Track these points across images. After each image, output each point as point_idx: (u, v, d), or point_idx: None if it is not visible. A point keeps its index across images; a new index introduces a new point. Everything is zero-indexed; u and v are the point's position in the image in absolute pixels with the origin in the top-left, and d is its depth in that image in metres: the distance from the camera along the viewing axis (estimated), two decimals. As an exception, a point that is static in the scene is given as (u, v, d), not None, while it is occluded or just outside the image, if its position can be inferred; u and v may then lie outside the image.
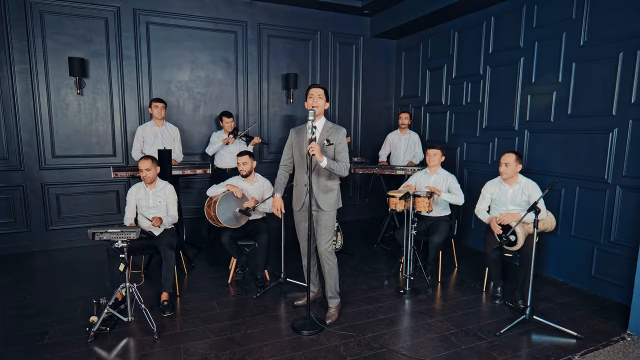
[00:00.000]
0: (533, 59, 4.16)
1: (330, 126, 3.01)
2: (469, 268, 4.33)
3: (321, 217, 3.03)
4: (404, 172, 4.84)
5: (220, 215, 3.60)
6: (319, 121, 2.99)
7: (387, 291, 3.71)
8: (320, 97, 2.93)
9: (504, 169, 3.47)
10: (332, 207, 3.04)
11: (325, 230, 3.05)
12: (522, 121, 4.33)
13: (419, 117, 5.92)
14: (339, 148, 2.98)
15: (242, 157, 3.81)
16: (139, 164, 3.47)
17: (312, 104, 2.91)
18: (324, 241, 3.06)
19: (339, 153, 2.98)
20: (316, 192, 3.00)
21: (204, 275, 4.06)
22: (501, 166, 3.50)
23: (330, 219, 3.05)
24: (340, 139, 2.98)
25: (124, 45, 4.89)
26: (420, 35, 5.85)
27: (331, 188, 3.03)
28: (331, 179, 3.03)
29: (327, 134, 2.98)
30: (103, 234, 2.77)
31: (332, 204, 3.04)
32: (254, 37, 5.52)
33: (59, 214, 4.85)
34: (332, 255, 3.11)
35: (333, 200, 3.05)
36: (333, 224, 3.09)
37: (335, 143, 2.96)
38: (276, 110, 5.82)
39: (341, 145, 2.99)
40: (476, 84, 4.90)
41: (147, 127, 4.61)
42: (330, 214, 3.04)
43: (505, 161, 3.47)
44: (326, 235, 3.05)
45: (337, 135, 2.97)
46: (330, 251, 3.09)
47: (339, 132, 2.99)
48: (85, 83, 4.78)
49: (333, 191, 3.05)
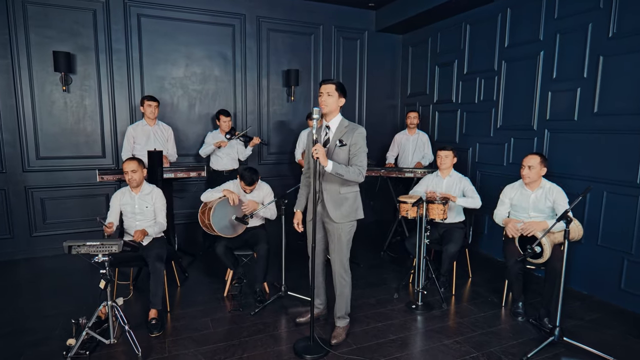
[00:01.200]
0: (554, 53, 3.84)
1: (345, 125, 2.67)
2: (484, 278, 4.02)
3: (334, 230, 2.70)
4: (412, 175, 4.53)
5: (215, 223, 3.29)
6: (332, 120, 2.67)
7: (398, 306, 3.40)
8: (330, 95, 2.60)
9: (527, 172, 3.16)
10: (346, 218, 2.68)
11: (339, 246, 2.71)
12: (541, 120, 4.02)
13: (427, 116, 5.61)
14: (353, 150, 2.62)
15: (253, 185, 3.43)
16: (124, 166, 3.16)
17: (320, 103, 2.61)
18: (337, 258, 2.72)
19: (354, 155, 2.62)
20: (327, 201, 2.66)
21: (198, 288, 3.75)
22: (523, 169, 3.19)
23: (345, 232, 2.70)
24: (355, 139, 2.61)
25: (113, 38, 4.58)
26: (429, 29, 5.53)
27: (345, 196, 2.67)
28: (346, 185, 2.66)
29: (340, 134, 2.64)
30: (81, 248, 2.46)
31: (345, 214, 2.68)
32: (252, 31, 5.20)
33: (44, 220, 4.54)
34: (347, 274, 2.78)
35: (347, 210, 2.68)
36: (349, 238, 2.73)
37: (350, 144, 2.60)
38: (276, 108, 5.50)
39: (356, 146, 2.62)
40: (490, 80, 4.58)
41: (138, 126, 4.31)
42: (343, 226, 2.68)
43: (529, 163, 3.15)
44: (340, 252, 2.71)
45: (351, 135, 2.61)
46: (346, 269, 2.77)
47: (354, 131, 2.62)
48: (72, 79, 4.46)
49: (347, 200, 2.68)
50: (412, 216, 3.41)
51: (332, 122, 2.67)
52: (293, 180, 5.57)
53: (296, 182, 5.54)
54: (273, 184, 4.01)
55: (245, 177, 3.37)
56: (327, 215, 2.68)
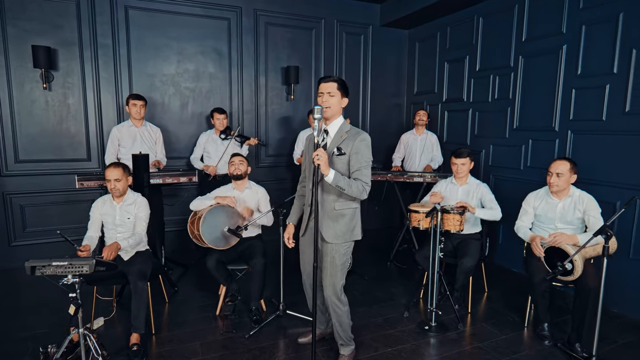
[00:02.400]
0: (579, 47, 3.50)
1: (346, 130, 2.28)
2: (501, 293, 3.68)
3: (326, 250, 2.33)
4: (422, 179, 4.20)
5: (205, 234, 2.95)
6: (332, 123, 2.30)
7: (408, 326, 3.06)
8: (332, 95, 2.23)
9: (555, 180, 2.82)
10: (340, 238, 2.30)
11: (333, 269, 2.33)
12: (564, 120, 3.68)
13: (435, 115, 5.27)
14: (355, 161, 2.21)
15: (236, 156, 3.30)
16: (106, 173, 2.82)
17: (320, 104, 2.24)
18: (330, 283, 2.35)
19: (357, 169, 2.22)
20: (321, 216, 2.29)
21: (188, 304, 3.41)
22: (551, 176, 2.85)
23: (340, 254, 2.32)
24: (357, 148, 2.21)
25: (99, 32, 4.24)
26: (437, 23, 5.19)
27: (341, 213, 2.30)
28: (342, 199, 2.29)
29: (339, 141, 2.26)
30: (46, 268, 2.12)
31: (339, 234, 2.30)
32: (249, 24, 4.87)
33: (24, 228, 4.21)
34: (342, 302, 2.41)
35: (342, 229, 2.30)
36: (344, 261, 2.36)
37: (350, 153, 2.22)
38: (275, 108, 5.17)
39: (357, 157, 2.22)
40: (505, 77, 4.24)
41: (123, 127, 3.98)
42: (338, 247, 2.31)
43: (557, 170, 2.81)
44: (333, 276, 2.34)
45: (351, 143, 2.22)
46: (340, 296, 2.39)
47: (355, 138, 2.23)
48: (54, 76, 4.13)
49: (344, 217, 2.30)
50: (425, 227, 3.08)
51: (331, 125, 2.30)
52: (292, 183, 5.23)
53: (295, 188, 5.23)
54: (271, 187, 3.69)
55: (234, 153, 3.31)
56: (319, 233, 2.32)
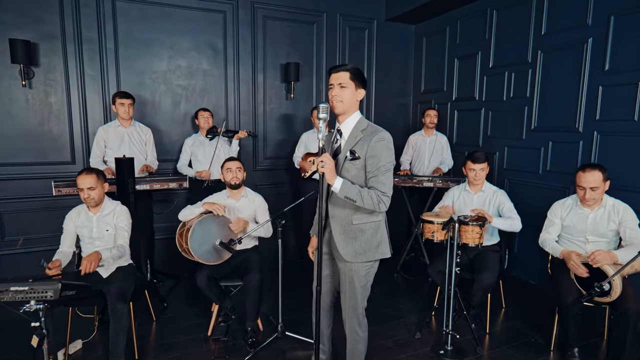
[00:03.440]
0: (607, 40, 3.20)
1: (362, 128, 1.91)
2: (520, 308, 3.37)
3: (345, 270, 2.00)
4: (432, 184, 3.89)
5: (194, 248, 2.64)
6: (346, 121, 1.96)
7: (421, 349, 2.75)
8: (343, 86, 1.87)
9: (590, 195, 2.48)
10: (362, 256, 1.96)
11: (352, 291, 2.00)
12: (589, 120, 3.37)
13: (444, 115, 4.95)
14: (371, 165, 1.86)
15: (233, 161, 2.94)
16: (78, 181, 2.51)
17: (330, 98, 1.91)
18: (350, 306, 2.03)
19: (374, 175, 1.86)
20: (335, 231, 1.98)
21: (177, 323, 3.10)
22: (584, 192, 2.50)
23: (360, 276, 1.98)
24: (373, 150, 1.85)
25: (83, 25, 3.93)
26: (446, 17, 4.88)
27: (360, 228, 1.95)
28: (361, 212, 1.94)
29: (353, 142, 1.91)
30: (3, 295, 1.82)
31: (360, 251, 1.95)
32: (246, 18, 4.56)
33: (3, 237, 3.90)
34: (362, 327, 2.09)
35: (363, 247, 1.95)
36: (366, 283, 2.02)
37: (366, 156, 1.86)
38: (274, 107, 4.86)
39: (374, 160, 1.86)
40: (522, 73, 3.93)
41: (110, 128, 3.68)
42: (358, 267, 1.97)
43: (591, 185, 2.46)
44: (353, 298, 2.01)
45: (366, 144, 1.86)
46: (361, 322, 2.07)
47: (372, 137, 1.86)
48: (34, 73, 3.82)
49: (364, 233, 1.96)
50: (440, 239, 2.77)
51: (345, 124, 1.95)
52: (290, 188, 4.93)
53: (294, 193, 4.94)
54: (269, 193, 3.39)
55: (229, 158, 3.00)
56: (335, 249, 2.00)
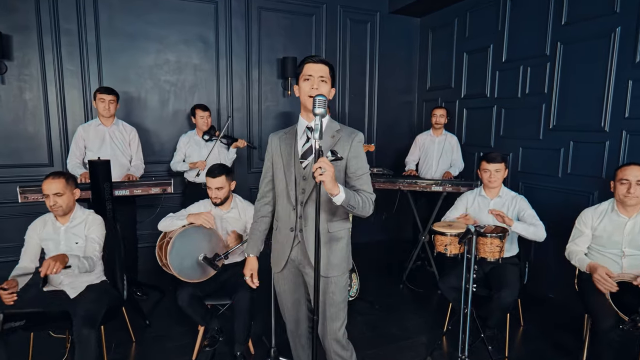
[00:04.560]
0: (638, 29, 2.88)
1: (336, 129, 1.77)
2: (539, 327, 3.05)
3: (322, 287, 1.77)
4: (441, 189, 3.57)
5: (174, 264, 2.33)
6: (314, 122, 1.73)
7: (433, 378, 2.43)
8: (324, 81, 1.68)
9: (636, 189, 2.17)
10: (338, 268, 1.79)
11: (333, 309, 1.79)
12: (616, 118, 3.05)
13: (452, 113, 4.62)
14: (354, 166, 1.73)
15: (215, 179, 2.52)
16: (43, 186, 2.20)
17: (311, 90, 1.66)
18: (330, 328, 1.81)
19: (357, 177, 1.74)
20: (309, 243, 1.74)
21: (161, 343, 2.78)
22: (628, 186, 2.18)
23: (340, 289, 1.80)
24: (354, 151, 1.73)
25: (61, 16, 3.62)
26: (454, 9, 4.56)
27: (336, 236, 1.78)
28: (337, 218, 1.78)
29: (331, 142, 1.73)
30: None
31: (337, 262, 1.78)
32: (240, 9, 4.24)
33: (-28, 246, 3.60)
34: (347, 349, 1.85)
35: (340, 257, 1.79)
36: (344, 297, 1.83)
37: (348, 157, 1.72)
38: (269, 105, 4.54)
39: (357, 161, 1.74)
40: (540, 68, 3.61)
41: (90, 127, 3.39)
42: (337, 280, 1.79)
43: (638, 177, 2.16)
44: (334, 318, 1.80)
45: (348, 145, 1.72)
46: (344, 343, 1.84)
47: (351, 138, 1.74)
48: (7, 67, 3.51)
49: (339, 241, 1.79)
50: (454, 253, 2.45)
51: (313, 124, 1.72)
52: (290, 191, 4.60)
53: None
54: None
55: (213, 169, 2.54)
56: (308, 265, 1.76)
